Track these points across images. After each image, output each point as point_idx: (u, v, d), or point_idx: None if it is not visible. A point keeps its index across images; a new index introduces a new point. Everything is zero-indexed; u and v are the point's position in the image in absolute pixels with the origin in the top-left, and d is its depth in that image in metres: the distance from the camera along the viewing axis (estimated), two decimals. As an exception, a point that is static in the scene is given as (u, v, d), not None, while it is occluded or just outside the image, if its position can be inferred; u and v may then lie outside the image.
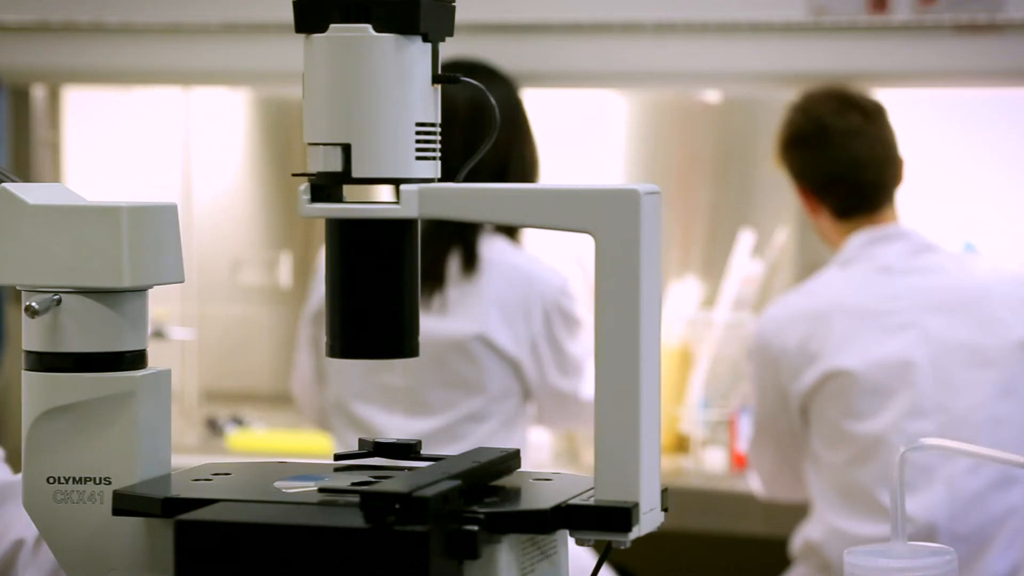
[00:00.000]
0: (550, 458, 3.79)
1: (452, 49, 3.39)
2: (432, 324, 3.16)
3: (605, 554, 1.18)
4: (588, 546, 1.14)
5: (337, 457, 1.22)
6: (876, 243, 3.00)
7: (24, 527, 1.37)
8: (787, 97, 3.72)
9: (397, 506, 1.05)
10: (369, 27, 1.15)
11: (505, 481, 1.19)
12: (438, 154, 1.18)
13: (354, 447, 3.65)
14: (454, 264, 3.18)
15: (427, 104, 1.16)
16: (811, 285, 3.09)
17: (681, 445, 3.82)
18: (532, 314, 3.25)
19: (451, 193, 1.16)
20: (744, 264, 3.85)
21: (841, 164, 3.00)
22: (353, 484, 1.19)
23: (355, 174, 1.15)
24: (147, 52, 3.70)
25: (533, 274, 3.25)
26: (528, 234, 3.57)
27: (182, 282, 1.25)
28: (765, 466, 3.12)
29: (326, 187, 1.17)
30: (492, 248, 3.18)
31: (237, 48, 3.71)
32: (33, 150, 3.78)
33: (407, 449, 1.22)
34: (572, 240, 3.93)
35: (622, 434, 1.11)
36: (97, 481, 1.19)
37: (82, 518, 1.19)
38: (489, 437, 3.16)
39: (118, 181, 4.11)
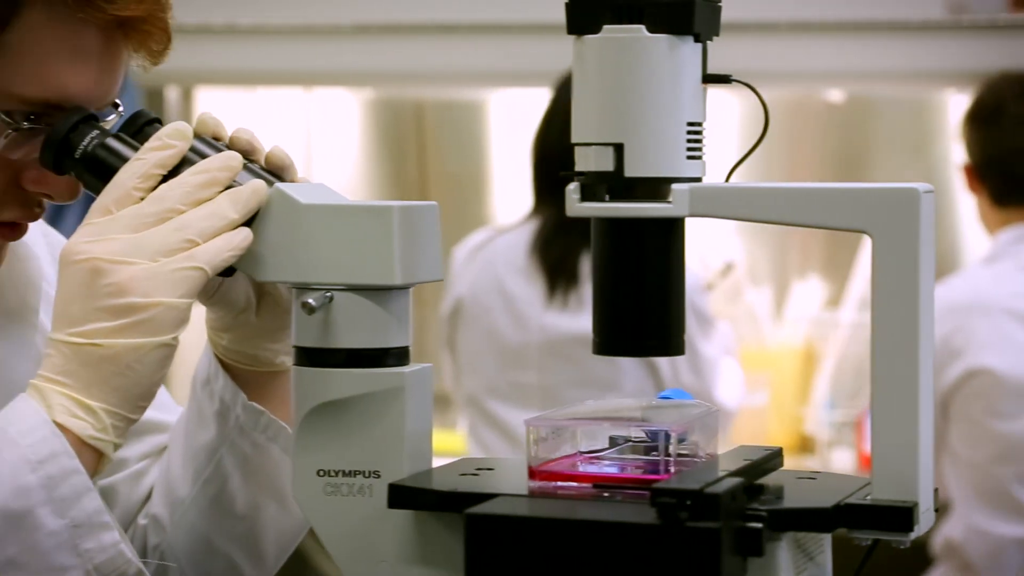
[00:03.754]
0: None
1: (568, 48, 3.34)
2: (566, 321, 3.18)
3: (869, 553, 1.19)
4: (864, 545, 1.14)
5: None
6: None
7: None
8: (915, 96, 3.70)
9: (688, 503, 1.06)
10: (642, 28, 1.16)
11: (770, 479, 1.19)
12: (705, 153, 1.19)
13: (488, 444, 3.64)
14: (586, 263, 3.19)
15: (697, 103, 1.18)
16: (955, 280, 3.08)
17: (806, 446, 3.82)
18: (663, 312, 3.25)
19: (722, 192, 1.17)
20: (870, 264, 3.84)
21: (1003, 148, 2.99)
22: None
23: (627, 173, 1.16)
24: (277, 53, 3.73)
25: (663, 273, 3.25)
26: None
27: (441, 279, 1.27)
28: None
29: (595, 186, 1.19)
30: (624, 247, 3.18)
31: (363, 49, 3.73)
32: (168, 150, 3.82)
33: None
34: (694, 239, 3.93)
35: (901, 434, 1.12)
36: (366, 474, 1.21)
37: (351, 510, 1.20)
38: (622, 436, 3.17)
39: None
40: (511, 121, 4.46)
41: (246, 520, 1.38)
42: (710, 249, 3.91)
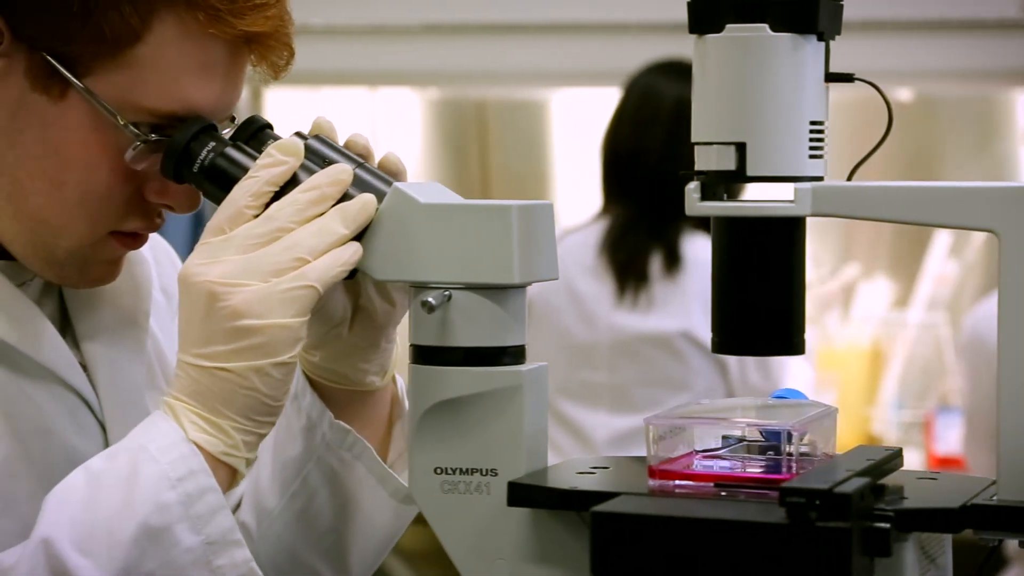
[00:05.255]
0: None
1: (666, 48, 3.34)
2: (636, 321, 3.17)
3: (990, 555, 1.18)
4: (991, 546, 1.14)
5: None
6: None
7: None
8: (982, 94, 3.67)
9: (817, 502, 1.06)
10: (765, 27, 1.15)
11: (890, 479, 1.19)
12: (827, 153, 1.18)
13: (558, 443, 3.63)
14: (656, 262, 3.18)
15: (819, 102, 1.17)
16: None
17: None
18: (732, 312, 3.24)
19: (845, 192, 1.17)
20: (939, 264, 3.82)
21: None
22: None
23: (750, 172, 1.16)
24: (344, 53, 3.74)
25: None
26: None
27: (557, 279, 1.27)
28: (983, 465, 3.09)
29: (715, 185, 1.18)
30: (694, 245, 3.18)
31: (427, 49, 3.74)
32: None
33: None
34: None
35: (1028, 433, 1.11)
36: (484, 472, 1.21)
37: (469, 508, 1.21)
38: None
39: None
40: (573, 121, 4.46)
41: (331, 535, 1.39)
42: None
